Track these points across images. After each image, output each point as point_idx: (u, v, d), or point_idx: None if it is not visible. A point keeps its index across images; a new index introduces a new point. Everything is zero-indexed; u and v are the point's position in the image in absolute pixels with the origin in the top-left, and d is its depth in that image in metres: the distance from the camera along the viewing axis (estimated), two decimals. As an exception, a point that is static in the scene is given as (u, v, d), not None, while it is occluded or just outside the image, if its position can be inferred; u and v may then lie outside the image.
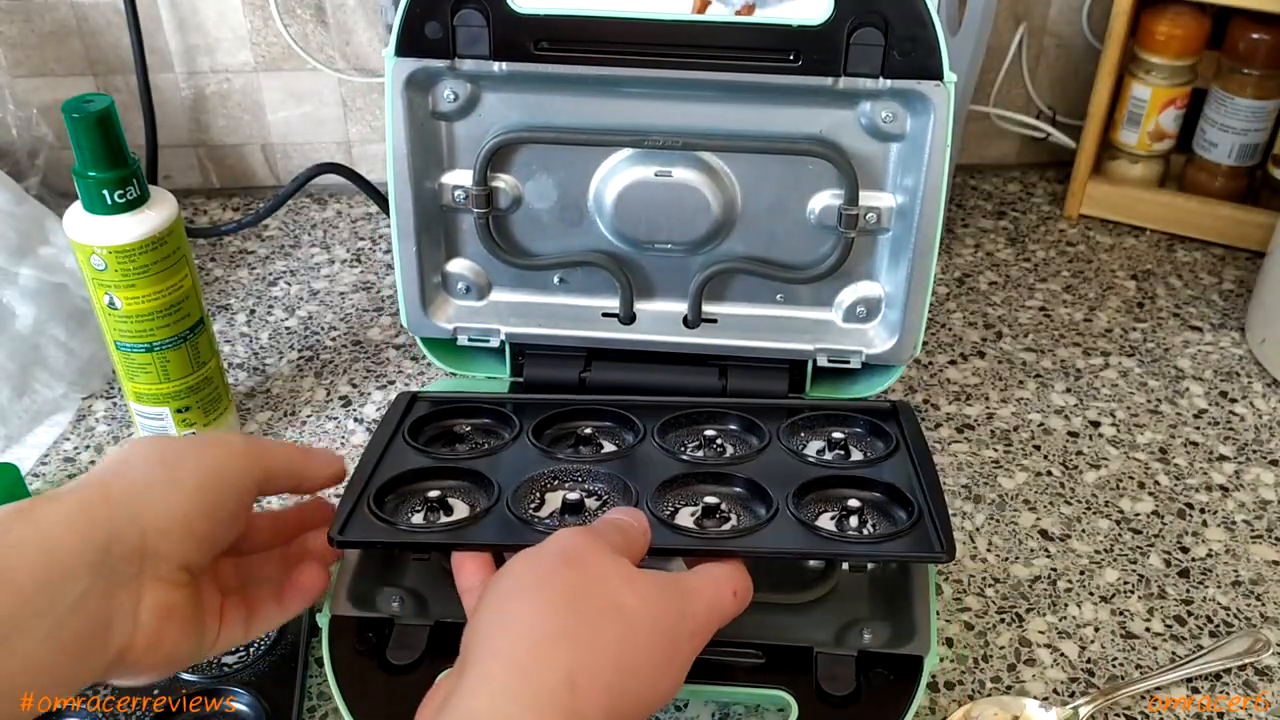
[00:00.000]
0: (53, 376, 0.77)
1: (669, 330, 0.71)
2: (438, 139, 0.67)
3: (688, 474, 0.60)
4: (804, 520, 0.56)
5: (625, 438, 0.65)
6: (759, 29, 0.60)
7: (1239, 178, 0.94)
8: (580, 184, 0.67)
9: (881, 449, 0.64)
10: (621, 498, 0.59)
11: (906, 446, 0.62)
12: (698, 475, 0.60)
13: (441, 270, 0.71)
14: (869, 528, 0.57)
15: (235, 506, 0.49)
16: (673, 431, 0.66)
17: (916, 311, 0.67)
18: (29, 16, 0.91)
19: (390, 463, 0.61)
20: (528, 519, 0.56)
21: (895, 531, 0.55)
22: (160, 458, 0.48)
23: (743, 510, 0.58)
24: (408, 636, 0.55)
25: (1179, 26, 0.89)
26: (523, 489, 0.59)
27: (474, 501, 0.59)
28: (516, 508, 0.57)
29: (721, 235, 0.68)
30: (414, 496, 0.59)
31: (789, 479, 0.59)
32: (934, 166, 0.62)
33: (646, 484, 0.59)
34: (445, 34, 0.62)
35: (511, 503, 0.57)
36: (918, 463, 0.61)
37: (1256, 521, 0.69)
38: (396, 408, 0.67)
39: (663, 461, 0.62)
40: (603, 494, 0.60)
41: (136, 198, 0.63)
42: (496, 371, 0.73)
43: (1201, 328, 0.85)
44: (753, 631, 0.55)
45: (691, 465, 0.61)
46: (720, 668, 0.54)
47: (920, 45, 0.59)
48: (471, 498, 0.59)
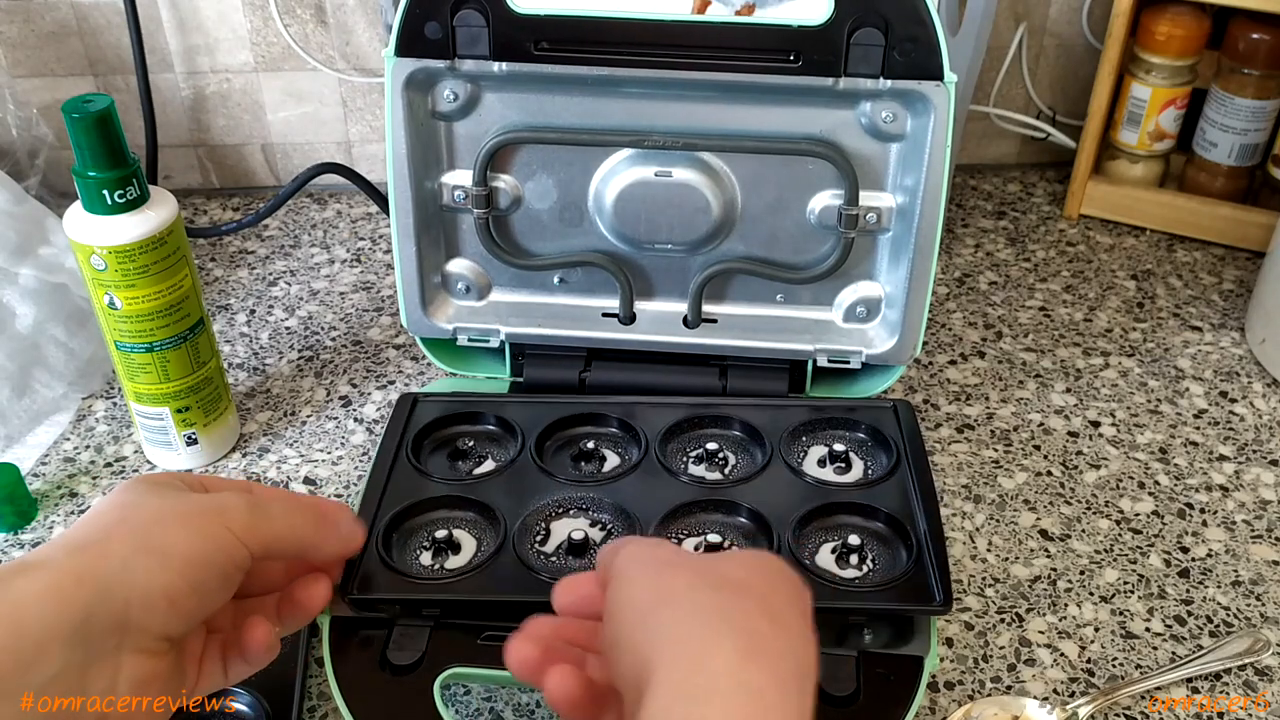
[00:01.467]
0: (53, 376, 0.77)
1: (669, 330, 0.71)
2: (438, 139, 0.67)
3: (690, 503, 0.61)
4: (804, 562, 0.58)
5: (627, 448, 0.66)
6: (759, 29, 0.60)
7: (1239, 178, 0.94)
8: (580, 184, 0.67)
9: (883, 459, 0.64)
10: (625, 529, 0.60)
11: (906, 456, 0.63)
12: (700, 504, 0.61)
13: (441, 270, 0.71)
14: (869, 563, 0.58)
15: (224, 581, 0.46)
16: (675, 440, 0.66)
17: (917, 311, 0.67)
18: (29, 16, 0.91)
19: (396, 489, 0.62)
20: (534, 564, 0.58)
21: (894, 578, 0.56)
22: (148, 526, 0.45)
23: (745, 543, 0.59)
24: (408, 637, 0.55)
25: (1179, 26, 0.89)
26: (529, 520, 0.60)
27: (481, 534, 0.60)
28: (521, 545, 0.58)
29: (721, 235, 0.68)
30: (420, 531, 0.60)
31: (790, 506, 0.60)
32: (934, 166, 0.62)
33: (650, 514, 0.60)
34: (445, 34, 0.62)
35: (517, 538, 0.59)
36: (916, 476, 0.62)
37: (1256, 521, 0.69)
38: (399, 414, 0.67)
39: (666, 484, 0.63)
40: (606, 524, 0.61)
41: (136, 198, 0.63)
42: (496, 371, 0.73)
43: (1201, 328, 0.85)
44: None
45: (694, 489, 0.62)
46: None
47: (920, 45, 0.59)
48: (478, 530, 0.60)
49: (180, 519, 0.45)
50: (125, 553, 0.43)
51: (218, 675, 0.48)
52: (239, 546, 0.46)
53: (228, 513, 0.46)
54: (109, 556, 0.43)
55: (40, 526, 0.69)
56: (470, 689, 0.59)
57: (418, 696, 0.53)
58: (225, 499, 0.47)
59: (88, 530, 0.45)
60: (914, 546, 0.58)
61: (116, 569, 0.42)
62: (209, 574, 0.45)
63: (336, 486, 0.71)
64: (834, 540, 0.59)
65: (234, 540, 0.46)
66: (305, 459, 0.73)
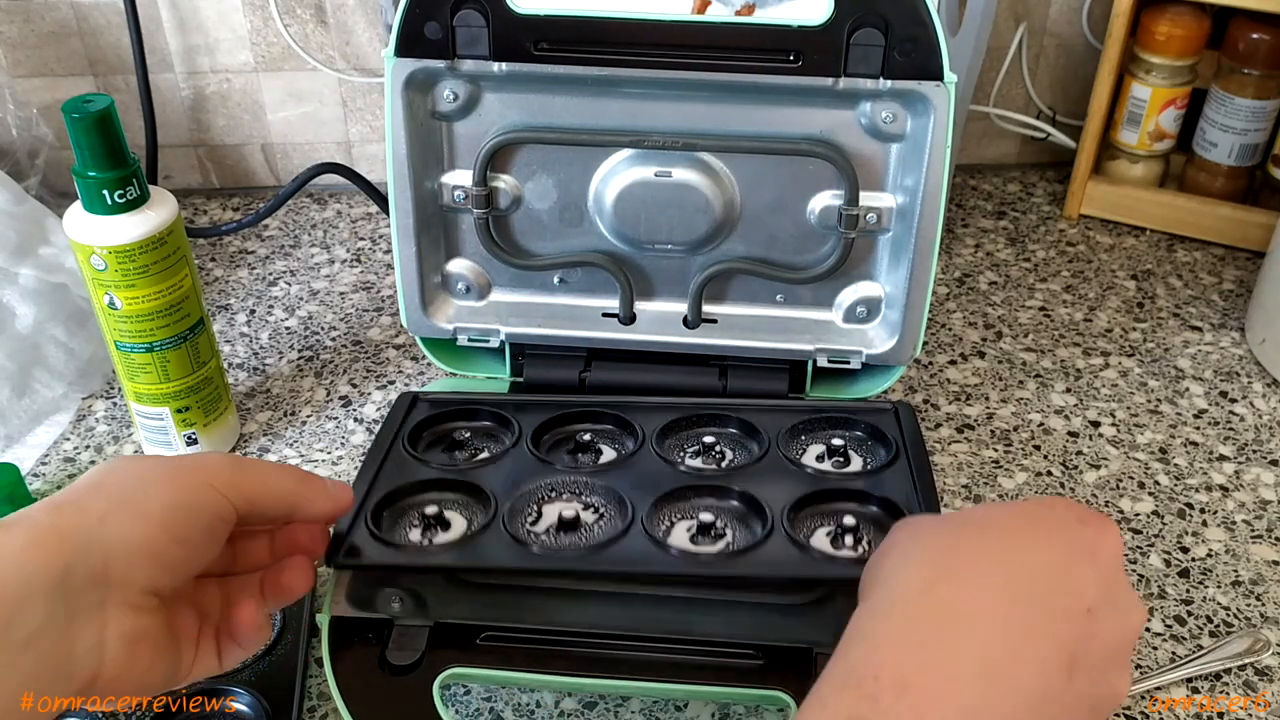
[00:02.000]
0: (53, 376, 0.77)
1: (669, 330, 0.71)
2: (437, 139, 0.67)
3: (684, 488, 0.60)
4: (798, 540, 0.57)
5: (624, 443, 0.65)
6: (759, 29, 0.60)
7: (1239, 178, 0.94)
8: (580, 184, 0.67)
9: (883, 456, 0.64)
10: (618, 511, 0.59)
11: (907, 455, 0.63)
12: (694, 489, 0.61)
13: (441, 270, 0.71)
14: (864, 545, 0.57)
15: (208, 533, 0.46)
16: (672, 436, 0.66)
17: (917, 312, 0.67)
18: (29, 16, 0.91)
19: (389, 473, 0.62)
20: (524, 538, 0.57)
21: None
22: (128, 483, 0.45)
23: (739, 525, 0.59)
24: (407, 637, 0.55)
25: (1179, 26, 0.89)
26: (519, 502, 0.60)
27: (471, 515, 0.60)
28: (512, 523, 0.58)
29: (721, 235, 0.68)
30: (411, 510, 0.60)
31: (786, 491, 0.60)
32: (934, 167, 0.62)
33: (643, 496, 0.60)
34: (445, 34, 0.62)
35: (508, 518, 0.58)
36: (917, 476, 0.61)
37: (1256, 521, 0.69)
38: (397, 410, 0.67)
39: (660, 471, 0.62)
40: (599, 506, 0.60)
41: (136, 198, 0.63)
42: (496, 371, 0.73)
43: (1201, 328, 0.85)
44: (751, 632, 0.55)
45: (688, 477, 0.62)
46: (719, 670, 0.54)
47: (920, 45, 0.59)
48: (469, 511, 0.60)
49: (161, 475, 0.46)
50: (104, 509, 0.43)
51: (211, 659, 0.48)
52: (221, 499, 0.46)
53: (209, 468, 0.47)
54: (87, 513, 0.43)
55: (40, 526, 0.69)
56: (470, 689, 0.59)
57: (417, 697, 0.53)
58: (207, 456, 0.48)
59: (68, 492, 0.45)
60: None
61: (93, 524, 0.43)
62: (191, 527, 0.45)
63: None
64: (830, 525, 0.59)
65: (216, 494, 0.46)
66: (305, 459, 0.73)
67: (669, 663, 0.54)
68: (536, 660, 0.54)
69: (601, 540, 0.57)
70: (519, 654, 0.54)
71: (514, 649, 0.54)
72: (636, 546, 0.57)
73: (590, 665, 0.54)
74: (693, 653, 0.54)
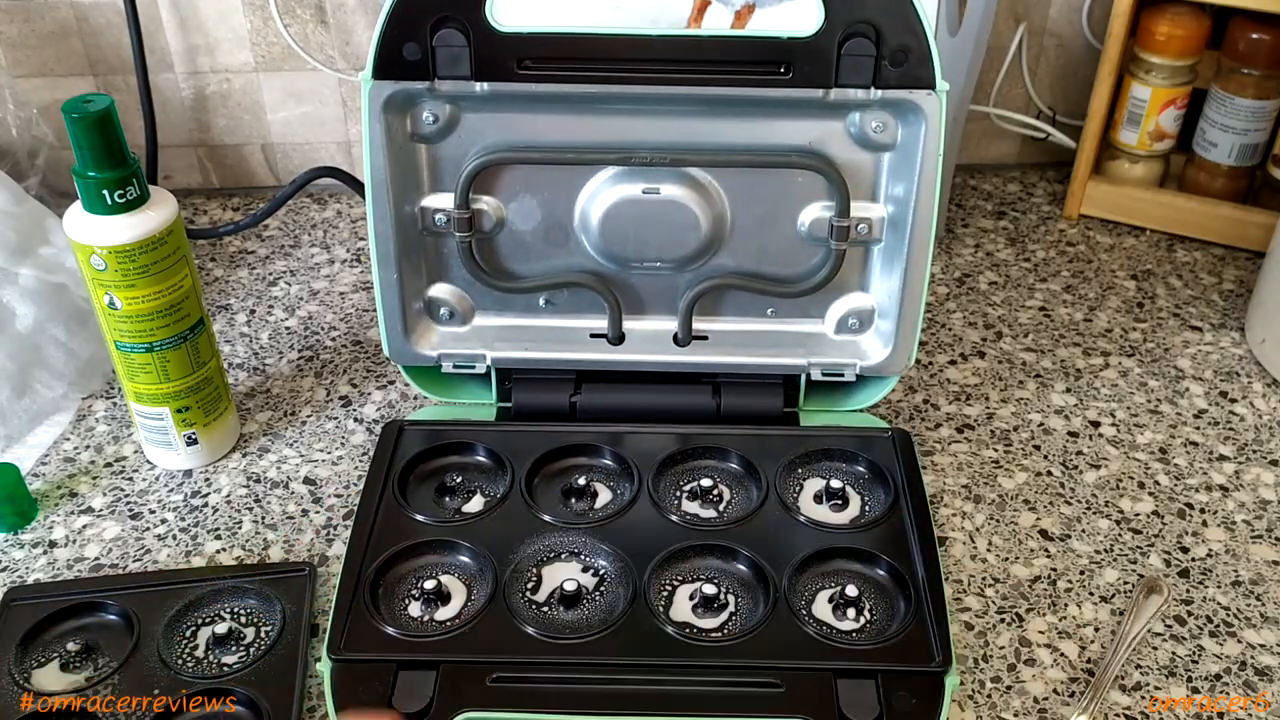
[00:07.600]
0: (53, 376, 0.77)
1: (659, 349, 0.70)
2: (417, 162, 0.65)
3: (686, 548, 0.61)
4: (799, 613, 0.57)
5: (621, 485, 0.65)
6: (747, 42, 0.59)
7: (1239, 178, 0.94)
8: (565, 204, 0.66)
9: (882, 498, 0.64)
10: (620, 578, 0.59)
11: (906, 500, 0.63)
12: (696, 549, 0.61)
13: (424, 296, 0.69)
14: (867, 614, 0.58)
15: None
16: (668, 472, 0.66)
17: (910, 321, 0.66)
18: (29, 16, 0.91)
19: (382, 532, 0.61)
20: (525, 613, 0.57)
21: (892, 635, 0.56)
22: None
23: (742, 592, 0.59)
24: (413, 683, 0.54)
25: (1179, 26, 0.89)
26: (520, 566, 0.60)
27: (470, 580, 0.60)
28: (512, 593, 0.58)
29: (711, 251, 0.67)
30: (408, 578, 0.60)
31: (787, 550, 0.60)
32: (926, 175, 0.62)
33: (644, 558, 0.60)
34: (424, 55, 0.60)
35: (508, 587, 0.58)
36: (916, 528, 0.61)
37: (1256, 521, 0.69)
38: (385, 443, 0.67)
39: (661, 526, 0.62)
40: (599, 570, 0.60)
41: (136, 198, 0.63)
42: (483, 397, 0.72)
43: (1201, 328, 0.85)
44: (770, 659, 0.55)
45: (689, 531, 0.62)
46: (741, 699, 0.53)
47: (913, 55, 0.59)
48: (466, 575, 0.60)
49: None
50: None
51: None
52: None
53: None
54: None
55: (40, 526, 0.69)
56: None
57: None
58: None
59: None
60: (912, 597, 0.58)
61: None
62: None
63: (336, 486, 0.71)
64: (831, 587, 0.59)
65: None
66: (305, 459, 0.73)
67: (689, 695, 0.53)
68: (553, 700, 0.53)
69: (604, 622, 0.57)
70: (533, 694, 0.53)
71: (527, 689, 0.53)
72: (642, 627, 0.56)
73: (609, 702, 0.53)
74: (712, 684, 0.54)
